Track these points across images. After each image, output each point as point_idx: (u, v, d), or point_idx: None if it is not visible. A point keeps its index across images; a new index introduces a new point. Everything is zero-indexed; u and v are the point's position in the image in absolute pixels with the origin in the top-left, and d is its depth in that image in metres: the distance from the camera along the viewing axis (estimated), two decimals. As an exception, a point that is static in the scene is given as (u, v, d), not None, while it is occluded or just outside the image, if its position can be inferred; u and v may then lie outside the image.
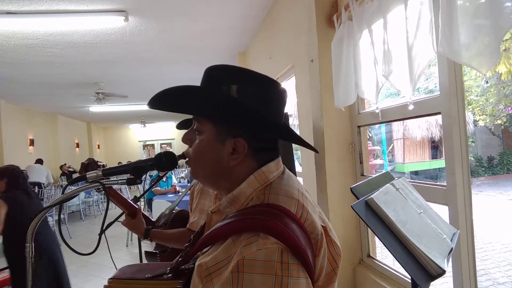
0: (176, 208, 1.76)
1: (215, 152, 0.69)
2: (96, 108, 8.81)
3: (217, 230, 0.65)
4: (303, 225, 0.62)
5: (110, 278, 0.89)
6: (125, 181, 1.03)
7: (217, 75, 0.71)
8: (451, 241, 1.14)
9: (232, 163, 0.69)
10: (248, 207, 0.66)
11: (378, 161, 9.78)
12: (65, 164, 10.26)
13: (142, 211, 1.48)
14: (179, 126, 1.64)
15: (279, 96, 0.73)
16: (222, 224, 0.65)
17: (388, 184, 1.23)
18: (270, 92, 0.71)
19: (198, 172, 0.74)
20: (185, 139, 0.75)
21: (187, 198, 1.81)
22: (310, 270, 0.58)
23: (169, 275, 0.81)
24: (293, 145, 2.17)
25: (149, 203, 5.66)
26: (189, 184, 6.50)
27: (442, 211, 1.32)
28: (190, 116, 0.76)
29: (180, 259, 0.79)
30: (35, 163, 8.30)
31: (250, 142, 0.69)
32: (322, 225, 0.66)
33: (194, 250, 0.70)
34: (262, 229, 0.57)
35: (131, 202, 1.43)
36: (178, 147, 16.48)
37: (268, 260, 0.54)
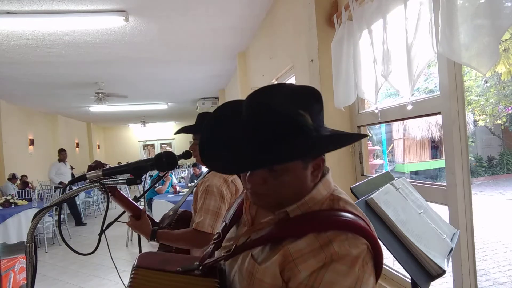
0: (179, 209, 1.76)
1: (301, 179, 0.69)
2: (96, 108, 8.80)
3: (293, 226, 0.68)
4: (372, 230, 0.69)
5: (135, 267, 0.78)
6: (125, 181, 1.03)
7: (280, 103, 0.64)
8: (451, 241, 1.14)
9: (314, 181, 0.71)
10: (320, 210, 0.69)
11: (378, 161, 9.78)
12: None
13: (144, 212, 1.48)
14: (178, 133, 1.62)
15: (321, 97, 0.73)
16: (290, 223, 0.69)
17: (388, 184, 1.23)
18: (322, 100, 0.71)
19: (275, 203, 0.71)
20: (258, 179, 0.68)
21: (189, 198, 1.81)
22: (380, 271, 0.66)
23: (200, 271, 0.76)
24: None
25: (149, 203, 5.65)
26: (190, 184, 6.50)
27: (442, 211, 1.32)
28: (190, 122, 0.75)
29: (225, 253, 0.75)
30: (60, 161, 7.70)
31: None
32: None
33: (253, 244, 0.71)
34: (350, 229, 0.64)
35: (135, 204, 1.43)
36: (178, 147, 16.48)
37: (358, 257, 0.61)
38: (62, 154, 7.66)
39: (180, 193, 5.39)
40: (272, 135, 0.63)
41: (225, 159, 0.69)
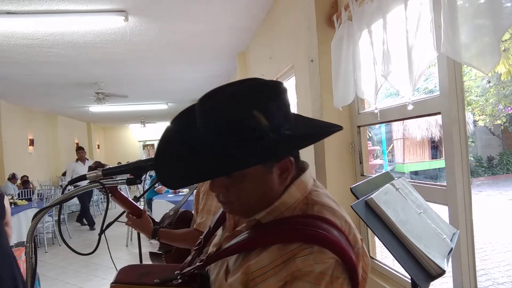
0: (180, 209, 1.76)
1: (265, 184, 0.64)
2: (96, 108, 8.80)
3: (257, 237, 0.64)
4: (349, 239, 0.63)
5: (112, 283, 0.79)
6: (125, 181, 1.03)
7: (229, 107, 0.60)
8: (451, 241, 1.14)
9: (284, 185, 0.66)
10: (291, 217, 0.65)
11: (378, 161, 9.78)
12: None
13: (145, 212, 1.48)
14: None
15: (286, 92, 0.67)
16: (262, 232, 0.65)
17: (388, 184, 1.23)
18: (283, 95, 0.65)
19: (244, 210, 0.68)
20: (218, 187, 0.66)
21: (190, 198, 1.80)
22: (357, 284, 0.60)
23: (180, 280, 0.74)
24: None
25: (149, 203, 5.65)
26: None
27: (442, 211, 1.32)
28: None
29: (199, 263, 0.73)
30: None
31: (293, 155, 0.67)
32: (360, 238, 0.67)
33: (224, 254, 0.68)
34: (316, 242, 0.58)
35: (135, 203, 1.43)
36: (178, 147, 16.44)
37: (323, 273, 0.56)
38: (78, 153, 7.21)
39: (180, 193, 5.38)
40: (223, 142, 0.59)
41: (179, 172, 0.63)
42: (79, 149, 7.25)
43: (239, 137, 0.59)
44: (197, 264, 0.73)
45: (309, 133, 0.67)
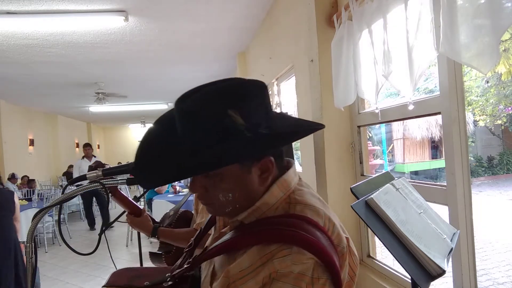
0: (180, 209, 1.76)
1: (244, 184, 0.64)
2: (96, 108, 8.80)
3: (238, 238, 0.64)
4: (331, 238, 0.62)
5: (104, 286, 0.80)
6: (125, 181, 1.03)
7: (203, 107, 0.59)
8: (451, 241, 1.14)
9: (265, 185, 0.65)
10: (273, 217, 0.64)
11: (378, 161, 9.78)
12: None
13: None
14: None
15: (265, 91, 0.66)
16: (243, 233, 0.64)
17: (388, 184, 1.23)
18: (262, 94, 0.64)
19: (226, 211, 0.67)
20: (197, 188, 0.65)
21: (190, 198, 1.80)
22: (340, 284, 0.59)
23: (170, 282, 0.74)
24: (293, 145, 2.17)
25: (149, 203, 5.65)
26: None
27: (442, 211, 1.32)
28: None
29: (186, 265, 0.74)
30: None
31: (274, 154, 0.65)
32: (345, 237, 0.66)
33: (210, 254, 0.68)
34: (295, 242, 0.57)
35: (135, 203, 1.43)
36: (178, 147, 16.44)
37: (302, 274, 0.55)
38: (84, 150, 6.85)
39: (180, 193, 5.38)
40: (198, 141, 0.59)
41: (155, 171, 0.64)
42: (86, 145, 6.87)
43: (213, 136, 0.58)
44: (185, 266, 0.73)
45: (286, 132, 0.66)
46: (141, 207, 1.48)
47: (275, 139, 0.63)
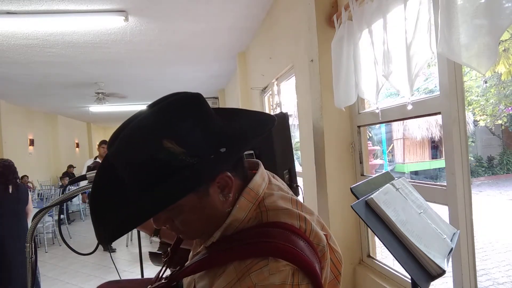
0: None
1: (206, 209, 0.61)
2: (96, 108, 8.81)
3: (216, 255, 0.62)
4: (309, 240, 0.60)
5: None
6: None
7: (135, 145, 0.55)
8: (451, 241, 1.14)
9: (229, 201, 0.62)
10: (247, 229, 0.62)
11: (378, 161, 9.79)
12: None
13: None
14: None
15: (204, 104, 0.62)
16: (220, 249, 0.62)
17: (388, 184, 1.23)
18: (197, 108, 0.59)
19: (196, 236, 0.66)
20: (161, 222, 0.62)
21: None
22: (320, 286, 0.57)
23: None
24: (293, 145, 2.17)
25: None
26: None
27: (442, 211, 1.32)
28: None
29: (164, 280, 0.72)
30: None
31: (229, 168, 0.61)
32: (324, 234, 0.64)
33: (186, 273, 0.66)
34: (270, 253, 0.55)
35: None
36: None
37: (283, 283, 0.53)
38: (101, 148, 5.55)
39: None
40: (142, 185, 0.56)
41: (112, 223, 0.59)
42: (102, 143, 5.57)
43: (154, 176, 0.55)
44: (162, 281, 0.72)
45: (234, 143, 0.61)
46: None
47: (223, 156, 0.58)
